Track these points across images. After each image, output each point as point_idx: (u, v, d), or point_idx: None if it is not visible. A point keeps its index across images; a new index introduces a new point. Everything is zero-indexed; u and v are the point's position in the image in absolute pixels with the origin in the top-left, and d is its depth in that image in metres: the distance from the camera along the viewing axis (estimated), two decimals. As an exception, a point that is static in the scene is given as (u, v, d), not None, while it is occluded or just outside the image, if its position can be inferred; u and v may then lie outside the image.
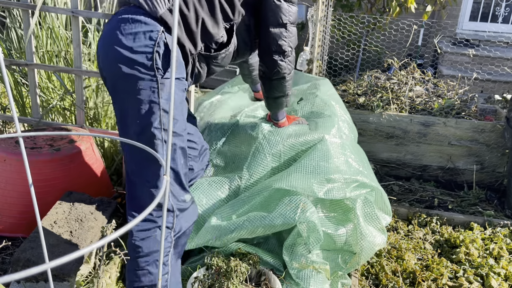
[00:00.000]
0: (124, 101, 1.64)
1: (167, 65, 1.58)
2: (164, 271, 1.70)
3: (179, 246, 1.77)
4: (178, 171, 1.68)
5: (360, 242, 1.99)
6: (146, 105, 1.57)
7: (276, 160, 2.12)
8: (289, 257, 1.91)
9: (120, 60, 1.57)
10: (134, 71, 1.56)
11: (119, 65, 1.58)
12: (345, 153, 2.14)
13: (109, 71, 1.65)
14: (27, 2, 2.44)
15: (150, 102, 1.57)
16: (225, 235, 1.88)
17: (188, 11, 1.64)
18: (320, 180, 1.96)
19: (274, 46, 1.91)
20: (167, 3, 1.60)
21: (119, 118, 1.68)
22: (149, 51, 1.54)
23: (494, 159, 3.29)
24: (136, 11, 1.58)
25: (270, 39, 1.90)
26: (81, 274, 1.89)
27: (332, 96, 2.59)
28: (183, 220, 1.72)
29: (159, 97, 1.57)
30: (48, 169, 2.24)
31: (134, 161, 1.68)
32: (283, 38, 1.89)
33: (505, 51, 5.71)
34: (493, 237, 2.57)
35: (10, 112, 3.03)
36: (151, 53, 1.54)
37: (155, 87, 1.56)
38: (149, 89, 1.56)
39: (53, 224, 2.00)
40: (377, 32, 5.40)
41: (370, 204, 2.08)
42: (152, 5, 1.58)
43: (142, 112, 1.58)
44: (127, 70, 1.57)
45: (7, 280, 0.44)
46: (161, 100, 1.57)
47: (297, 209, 1.86)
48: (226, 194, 2.05)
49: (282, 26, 1.87)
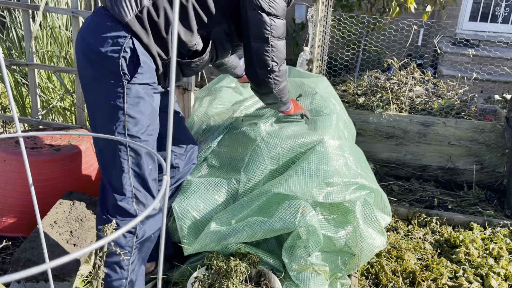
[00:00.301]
0: (92, 104, 1.65)
1: (134, 70, 1.56)
2: (123, 275, 1.70)
3: (143, 252, 1.77)
4: (145, 177, 1.68)
5: (360, 244, 1.99)
6: (111, 109, 1.57)
7: (274, 163, 2.09)
8: (288, 259, 1.91)
9: (87, 63, 1.58)
10: (100, 75, 1.56)
11: (87, 68, 1.59)
12: (344, 155, 2.11)
13: (80, 73, 1.66)
14: (27, 2, 2.44)
15: (115, 106, 1.56)
16: (225, 240, 1.88)
17: (158, 17, 1.60)
18: (319, 183, 1.95)
19: (256, 60, 1.79)
20: (135, 10, 1.56)
21: (90, 120, 1.69)
22: (116, 56, 1.53)
23: (494, 159, 3.29)
24: (106, 15, 1.58)
25: (251, 53, 1.78)
26: (81, 274, 1.89)
27: (330, 94, 2.57)
28: (147, 226, 1.72)
29: (124, 102, 1.56)
30: (48, 169, 2.25)
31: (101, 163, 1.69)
32: (265, 52, 1.75)
33: (505, 51, 5.71)
34: (493, 237, 2.57)
35: (10, 112, 3.03)
36: (118, 58, 1.53)
37: (121, 92, 1.55)
38: (114, 94, 1.55)
39: (53, 224, 2.00)
40: (377, 32, 5.40)
41: (369, 206, 2.08)
42: (119, 11, 1.55)
43: (107, 117, 1.59)
44: (94, 74, 1.58)
45: (7, 280, 0.44)
46: (126, 105, 1.56)
47: (297, 213, 1.86)
48: (224, 198, 2.03)
49: (264, 40, 1.73)
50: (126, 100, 1.56)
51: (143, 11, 1.57)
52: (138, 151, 1.63)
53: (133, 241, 1.69)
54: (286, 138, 2.12)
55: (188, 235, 1.93)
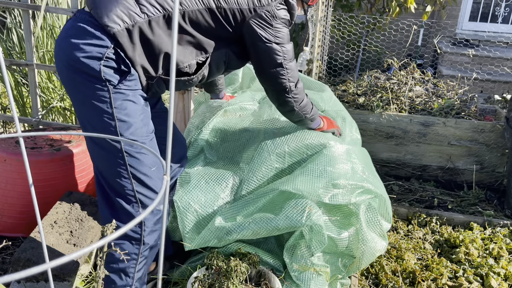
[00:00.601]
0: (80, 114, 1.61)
1: (119, 75, 1.52)
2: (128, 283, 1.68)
3: (149, 258, 1.75)
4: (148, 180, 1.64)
5: (362, 247, 1.98)
6: (101, 115, 1.53)
7: (280, 161, 2.09)
8: (289, 259, 1.90)
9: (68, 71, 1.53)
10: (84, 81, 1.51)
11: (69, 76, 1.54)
12: (351, 160, 2.12)
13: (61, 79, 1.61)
14: (27, 2, 2.45)
15: (103, 112, 1.53)
16: (228, 236, 1.87)
17: (152, 35, 1.56)
18: (326, 184, 1.95)
19: (275, 85, 1.85)
20: (127, 23, 1.51)
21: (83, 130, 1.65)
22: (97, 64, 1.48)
23: (493, 159, 3.29)
24: (89, 21, 1.51)
25: (268, 81, 1.86)
26: (81, 274, 1.89)
27: (335, 103, 2.62)
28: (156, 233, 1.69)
29: (112, 107, 1.52)
30: (48, 169, 2.25)
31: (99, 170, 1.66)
32: (281, 76, 1.81)
33: (505, 51, 5.71)
34: (492, 237, 2.57)
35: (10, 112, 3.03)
36: (99, 66, 1.49)
37: (107, 97, 1.51)
38: (100, 100, 1.52)
39: (53, 224, 2.00)
40: (377, 32, 5.40)
41: (373, 210, 2.08)
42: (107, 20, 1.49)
43: (97, 124, 1.55)
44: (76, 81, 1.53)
45: (7, 280, 0.44)
46: (115, 110, 1.53)
47: (304, 212, 1.85)
48: (225, 192, 2.03)
49: (278, 66, 1.79)
50: (114, 105, 1.52)
51: (134, 26, 1.52)
52: (135, 155, 1.59)
53: (140, 248, 1.67)
54: (293, 136, 2.15)
55: (191, 230, 1.92)
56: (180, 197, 1.96)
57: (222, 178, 2.05)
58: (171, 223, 2.11)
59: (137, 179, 1.62)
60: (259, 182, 2.07)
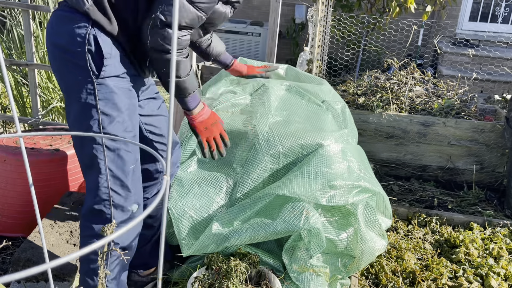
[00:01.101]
0: (66, 102, 1.57)
1: (101, 63, 1.46)
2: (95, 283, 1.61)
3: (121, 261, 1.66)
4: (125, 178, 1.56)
5: (361, 247, 1.97)
6: (84, 108, 1.49)
7: (275, 162, 2.07)
8: (288, 260, 1.90)
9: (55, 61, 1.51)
10: (68, 72, 1.49)
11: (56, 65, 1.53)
12: (347, 158, 2.10)
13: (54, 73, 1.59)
14: (27, 2, 2.45)
15: (88, 105, 1.48)
16: (226, 242, 1.85)
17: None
18: (322, 186, 1.93)
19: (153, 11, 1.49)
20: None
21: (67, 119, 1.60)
22: (80, 50, 1.44)
23: (493, 159, 3.29)
24: (65, 5, 1.48)
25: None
26: (81, 274, 1.89)
27: (335, 97, 2.58)
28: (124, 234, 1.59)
29: (96, 99, 1.48)
30: (48, 169, 2.25)
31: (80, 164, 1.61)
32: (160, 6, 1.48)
33: (505, 51, 5.71)
34: (492, 237, 2.58)
35: (10, 112, 3.03)
36: (83, 52, 1.44)
37: (91, 88, 1.48)
38: (85, 91, 1.48)
39: (53, 224, 2.00)
40: (377, 32, 5.40)
41: (371, 209, 2.07)
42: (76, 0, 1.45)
43: (80, 115, 1.51)
44: (61, 71, 1.51)
45: (7, 280, 0.44)
46: (99, 102, 1.48)
47: (301, 216, 1.83)
48: (220, 196, 2.00)
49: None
50: (98, 97, 1.48)
51: None
52: (115, 150, 1.53)
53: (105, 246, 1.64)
54: (287, 136, 2.10)
55: (187, 236, 1.89)
56: (174, 204, 1.92)
57: (216, 181, 2.02)
58: (168, 229, 2.06)
59: (113, 176, 1.55)
60: (254, 184, 2.04)
